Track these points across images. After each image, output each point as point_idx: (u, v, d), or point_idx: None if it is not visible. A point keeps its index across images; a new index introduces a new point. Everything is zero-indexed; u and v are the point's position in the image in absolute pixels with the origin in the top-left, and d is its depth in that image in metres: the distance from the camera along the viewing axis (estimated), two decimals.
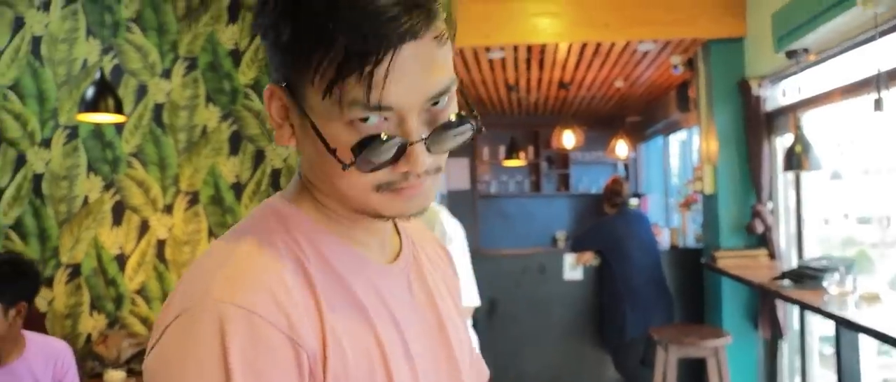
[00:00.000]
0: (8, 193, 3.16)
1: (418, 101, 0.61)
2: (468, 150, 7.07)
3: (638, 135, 6.73)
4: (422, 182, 0.64)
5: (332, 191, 0.67)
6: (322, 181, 0.67)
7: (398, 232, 0.78)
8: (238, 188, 3.25)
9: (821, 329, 3.19)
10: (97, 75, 2.70)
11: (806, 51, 2.97)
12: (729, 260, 3.49)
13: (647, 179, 6.84)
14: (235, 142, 3.24)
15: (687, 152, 5.69)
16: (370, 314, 0.66)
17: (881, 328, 1.93)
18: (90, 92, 2.69)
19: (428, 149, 0.62)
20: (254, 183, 3.25)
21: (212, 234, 3.23)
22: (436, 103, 0.62)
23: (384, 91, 0.59)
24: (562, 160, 7.22)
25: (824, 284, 2.48)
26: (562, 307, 4.15)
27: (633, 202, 5.35)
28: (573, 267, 4.13)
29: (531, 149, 7.22)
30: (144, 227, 3.22)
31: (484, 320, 4.37)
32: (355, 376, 0.63)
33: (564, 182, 7.29)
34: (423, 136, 0.61)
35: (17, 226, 3.17)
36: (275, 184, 3.24)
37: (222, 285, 0.60)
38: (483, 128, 0.67)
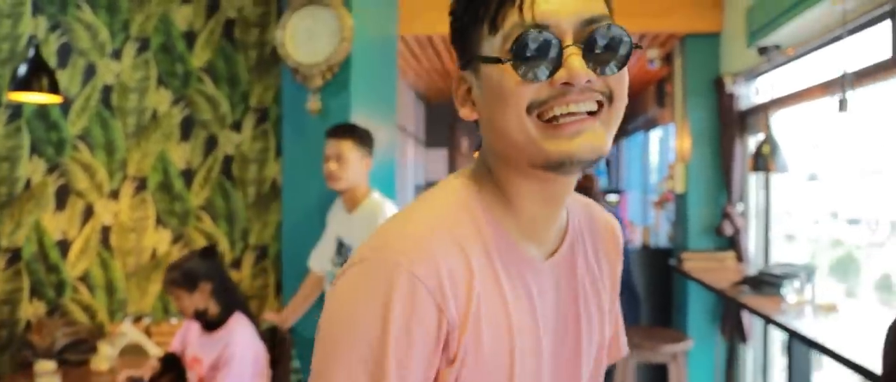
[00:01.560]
0: None
1: (572, 21, 0.66)
2: (446, 141, 6.96)
3: (619, 130, 6.61)
4: (583, 119, 0.67)
5: (504, 151, 0.71)
6: (496, 143, 0.71)
7: (567, 228, 0.80)
8: (188, 174, 3.12)
9: (783, 336, 3.10)
10: (30, 52, 2.57)
11: (778, 47, 2.86)
12: (696, 262, 3.40)
13: (628, 176, 6.74)
14: (187, 128, 3.12)
15: (665, 149, 5.58)
16: (510, 308, 0.71)
17: (831, 343, 1.83)
18: (22, 69, 2.56)
19: (587, 63, 0.65)
20: (205, 169, 3.13)
21: (159, 222, 3.11)
22: (593, 31, 0.66)
23: (536, 8, 0.65)
24: None
25: (783, 292, 2.38)
26: None
27: (613, 199, 5.25)
28: None
29: None
30: (89, 213, 3.10)
31: None
32: (485, 359, 0.69)
33: None
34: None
35: None
36: (226, 171, 3.13)
37: (400, 247, 0.67)
38: (640, 46, 0.75)
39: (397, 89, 3.24)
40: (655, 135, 5.92)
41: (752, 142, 3.40)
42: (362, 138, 2.46)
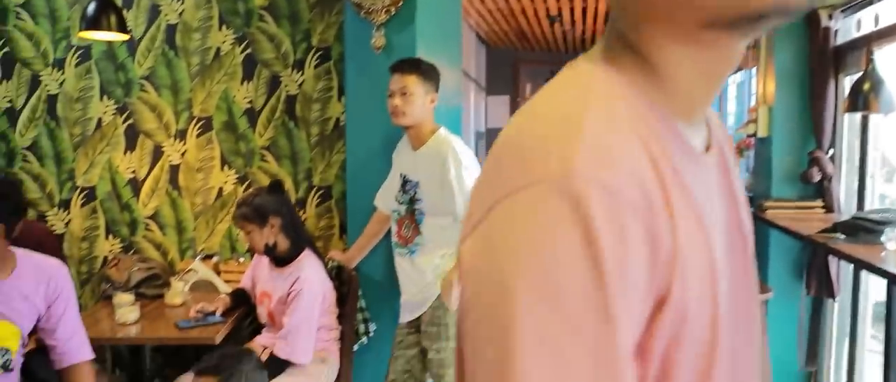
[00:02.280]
0: (24, 114, 3.12)
1: None
2: (509, 87, 6.78)
3: None
4: None
5: (669, 7, 0.52)
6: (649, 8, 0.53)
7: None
8: (252, 114, 3.11)
9: (877, 291, 2.88)
10: None
11: None
12: (779, 210, 3.18)
13: None
14: (249, 67, 3.08)
15: (744, 96, 5.27)
16: (704, 221, 0.54)
17: None
18: (91, 8, 2.56)
19: None
20: (268, 109, 3.10)
21: (224, 163, 3.12)
22: None
23: None
24: None
25: (883, 239, 2.18)
26: None
27: None
28: None
29: None
30: (158, 153, 3.13)
31: None
32: (689, 297, 0.51)
33: None
34: None
35: (34, 148, 3.13)
36: (290, 111, 3.09)
37: (579, 158, 0.47)
38: None
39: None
40: (733, 80, 5.59)
41: (847, 81, 3.12)
42: (427, 73, 2.36)
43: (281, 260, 2.38)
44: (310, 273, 2.34)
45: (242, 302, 2.58)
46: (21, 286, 1.95)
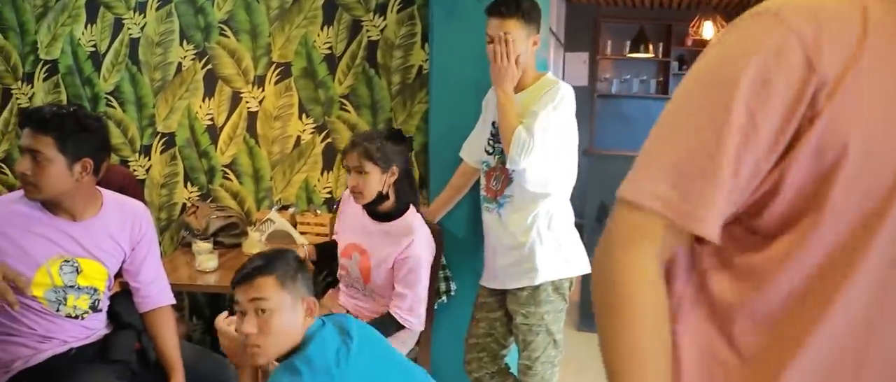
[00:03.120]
0: (107, 59, 3.09)
1: None
2: (588, 44, 6.46)
3: None
4: None
5: None
6: None
7: None
8: (331, 61, 2.98)
9: None
10: None
11: None
12: None
13: None
14: (330, 11, 2.95)
15: None
16: None
17: None
18: None
19: None
20: (348, 56, 2.97)
21: (303, 111, 3.02)
22: None
23: None
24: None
25: None
26: None
27: None
28: None
29: (661, 46, 6.47)
30: (236, 99, 3.06)
31: (593, 225, 3.99)
32: (864, 148, 0.62)
33: None
34: None
35: (116, 93, 3.11)
36: (370, 58, 2.95)
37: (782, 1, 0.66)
38: None
39: None
40: None
41: None
42: (529, 14, 2.16)
43: (384, 215, 2.23)
44: (423, 237, 2.21)
45: (329, 256, 2.45)
46: (108, 226, 1.90)
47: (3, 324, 1.80)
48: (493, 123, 2.32)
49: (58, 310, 1.84)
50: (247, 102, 3.05)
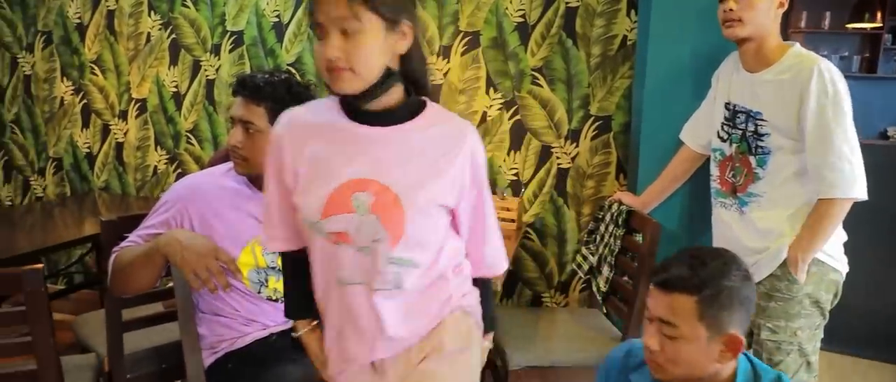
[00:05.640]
0: (290, 29, 3.02)
1: None
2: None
3: None
4: None
5: None
6: None
7: None
8: (523, 30, 2.71)
9: None
10: None
11: None
12: None
13: None
14: None
15: None
16: None
17: None
18: None
19: None
20: (543, 25, 2.68)
21: (490, 84, 2.78)
22: None
23: None
24: None
25: None
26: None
27: None
28: None
29: (869, 16, 5.58)
30: None
31: None
32: None
33: None
34: None
35: (296, 64, 3.04)
36: (568, 27, 2.64)
37: None
38: None
39: None
40: None
41: None
42: None
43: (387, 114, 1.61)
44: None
45: None
46: None
47: (209, 303, 1.72)
48: (727, 104, 1.94)
49: (259, 292, 1.73)
50: (431, 74, 2.85)
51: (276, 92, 1.59)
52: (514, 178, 2.81)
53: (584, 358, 2.12)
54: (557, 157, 2.74)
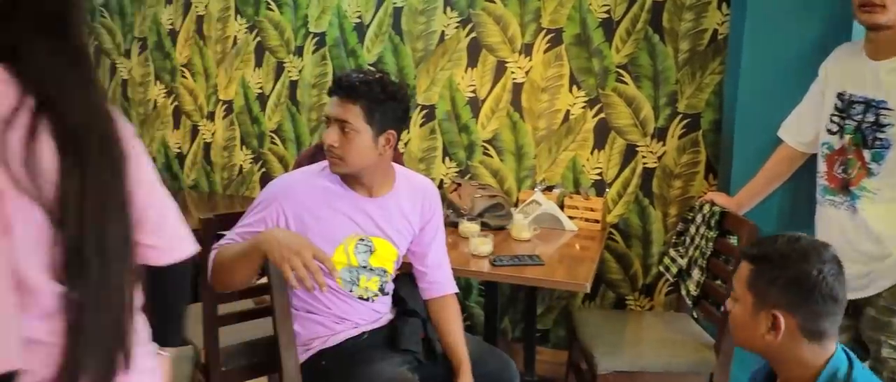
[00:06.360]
0: (371, 29, 3.06)
1: None
2: None
3: None
4: None
5: None
6: None
7: None
8: (608, 25, 2.64)
9: None
10: None
11: None
12: None
13: None
14: None
15: None
16: None
17: None
18: None
19: None
20: (628, 19, 2.61)
21: (573, 82, 2.73)
22: None
23: None
24: None
25: None
26: None
27: None
28: None
29: None
30: (500, 69, 2.85)
31: None
32: None
33: None
34: None
35: (378, 63, 3.07)
36: (655, 22, 2.56)
37: None
38: None
39: None
40: None
41: None
42: None
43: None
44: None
45: None
46: (401, 203, 1.78)
47: (303, 301, 1.75)
48: (840, 94, 1.83)
49: (351, 291, 1.76)
50: (512, 73, 2.83)
51: (371, 91, 1.61)
52: (598, 178, 2.75)
53: (676, 365, 2.05)
54: (643, 156, 2.67)
